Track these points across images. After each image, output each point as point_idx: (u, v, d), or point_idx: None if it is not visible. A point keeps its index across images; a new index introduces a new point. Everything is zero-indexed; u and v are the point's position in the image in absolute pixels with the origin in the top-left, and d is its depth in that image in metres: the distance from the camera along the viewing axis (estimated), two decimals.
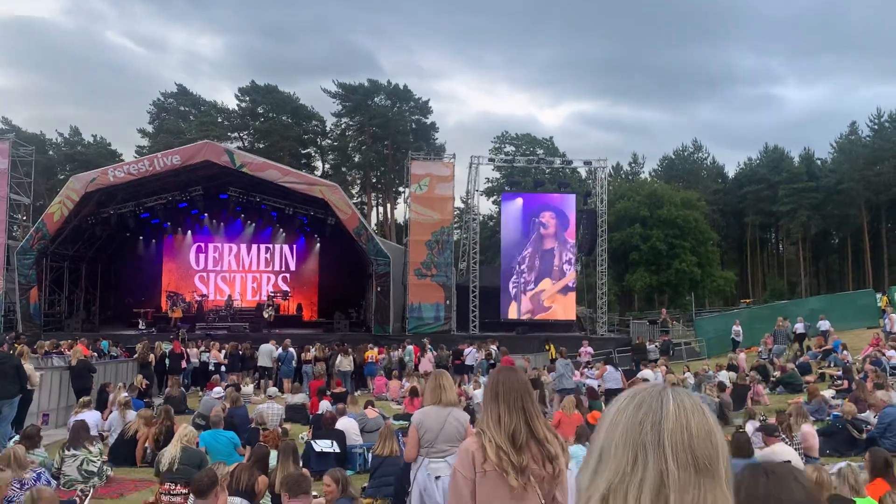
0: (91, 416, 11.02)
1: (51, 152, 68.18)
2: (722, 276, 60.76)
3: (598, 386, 18.71)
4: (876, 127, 70.60)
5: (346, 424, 10.56)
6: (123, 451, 9.59)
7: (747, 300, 58.28)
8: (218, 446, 9.03)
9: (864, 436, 10.01)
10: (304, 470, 6.94)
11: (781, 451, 7.74)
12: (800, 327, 27.48)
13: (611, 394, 14.44)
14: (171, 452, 7.41)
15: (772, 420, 12.72)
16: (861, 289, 48.99)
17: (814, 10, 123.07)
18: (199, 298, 34.20)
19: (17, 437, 8.68)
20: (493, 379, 3.23)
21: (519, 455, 3.00)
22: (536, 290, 32.52)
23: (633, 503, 1.08)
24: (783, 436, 8.44)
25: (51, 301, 30.41)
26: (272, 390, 15.86)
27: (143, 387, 16.35)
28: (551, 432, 3.18)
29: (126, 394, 13.24)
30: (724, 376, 18.49)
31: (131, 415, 11.15)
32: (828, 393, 14.96)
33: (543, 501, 3.04)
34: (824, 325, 26.73)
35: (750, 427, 11.00)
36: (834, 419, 11.22)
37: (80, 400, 12.52)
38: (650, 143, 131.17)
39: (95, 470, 7.92)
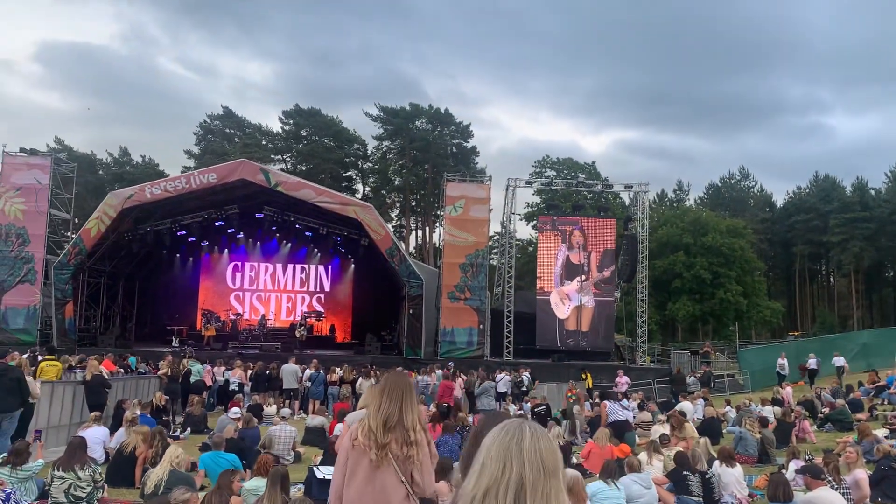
0: (96, 433, 10.68)
1: (101, 172, 69.81)
2: (769, 306, 58.69)
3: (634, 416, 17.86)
4: None
5: None
6: (122, 470, 9.17)
7: (795, 332, 56.18)
8: (218, 469, 8.53)
9: None
10: (296, 498, 6.39)
11: (826, 496, 6.93)
12: (812, 363, 26.37)
13: (614, 426, 13.89)
14: (157, 474, 6.95)
15: (818, 461, 11.77)
16: None
17: (863, 42, 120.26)
18: (233, 317, 34.20)
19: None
20: (384, 378, 3.98)
21: (385, 435, 3.69)
22: (576, 313, 31.56)
23: (503, 495, 1.57)
24: (829, 479, 7.60)
25: (86, 316, 30.63)
26: (285, 411, 15.38)
27: (162, 403, 16.05)
28: (420, 424, 3.87)
29: (139, 411, 12.91)
30: (769, 411, 17.45)
31: None
32: (881, 432, 13.87)
33: (403, 478, 3.70)
34: (839, 361, 25.68)
35: (793, 466, 10.14)
36: (881, 461, 10.25)
37: (91, 415, 12.23)
38: (695, 171, 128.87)
39: (83, 496, 7.48)
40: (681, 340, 55.24)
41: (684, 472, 8.73)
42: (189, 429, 14.99)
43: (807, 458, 11.48)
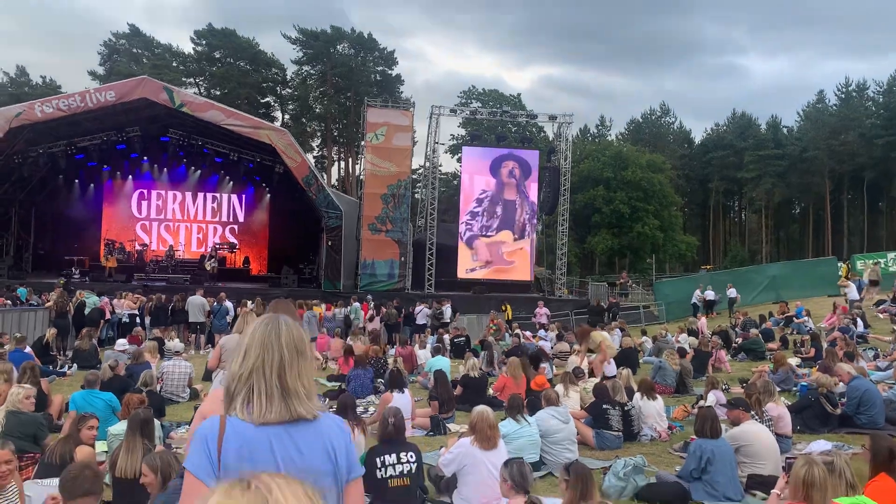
0: None
1: None
2: (684, 240, 60.24)
3: (552, 347, 17.68)
4: (843, 96, 70.19)
5: None
6: None
7: (708, 266, 57.99)
8: (90, 410, 7.55)
9: (839, 411, 8.91)
10: (159, 447, 5.54)
11: (753, 430, 6.57)
12: (710, 294, 27.22)
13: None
14: None
15: (735, 389, 11.66)
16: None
17: None
18: (139, 248, 32.28)
19: None
20: (272, 307, 3.94)
21: None
22: (496, 240, 31.24)
23: (269, 370, 1.94)
24: (753, 412, 7.27)
25: None
26: (178, 345, 14.24)
27: (52, 338, 14.76)
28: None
29: (15, 345, 11.64)
30: (685, 340, 17.53)
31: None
32: (793, 361, 13.98)
33: None
34: (732, 292, 26.74)
35: (713, 397, 9.91)
36: (804, 391, 10.12)
37: None
38: (616, 109, 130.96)
39: None
40: (598, 273, 56.18)
41: (604, 406, 8.29)
42: (76, 364, 13.76)
43: (723, 387, 11.36)
